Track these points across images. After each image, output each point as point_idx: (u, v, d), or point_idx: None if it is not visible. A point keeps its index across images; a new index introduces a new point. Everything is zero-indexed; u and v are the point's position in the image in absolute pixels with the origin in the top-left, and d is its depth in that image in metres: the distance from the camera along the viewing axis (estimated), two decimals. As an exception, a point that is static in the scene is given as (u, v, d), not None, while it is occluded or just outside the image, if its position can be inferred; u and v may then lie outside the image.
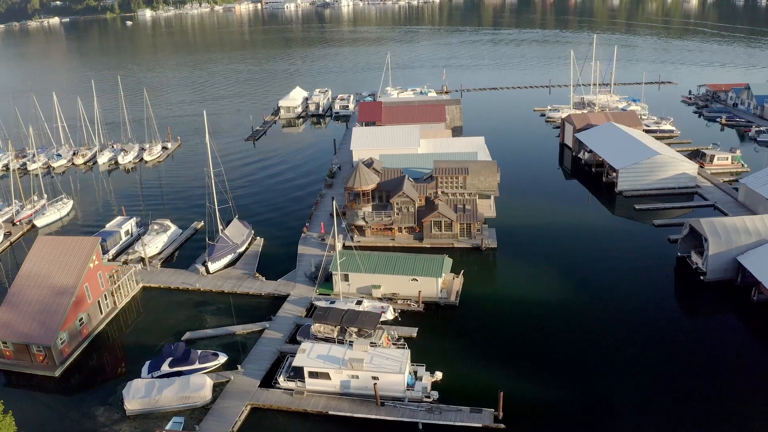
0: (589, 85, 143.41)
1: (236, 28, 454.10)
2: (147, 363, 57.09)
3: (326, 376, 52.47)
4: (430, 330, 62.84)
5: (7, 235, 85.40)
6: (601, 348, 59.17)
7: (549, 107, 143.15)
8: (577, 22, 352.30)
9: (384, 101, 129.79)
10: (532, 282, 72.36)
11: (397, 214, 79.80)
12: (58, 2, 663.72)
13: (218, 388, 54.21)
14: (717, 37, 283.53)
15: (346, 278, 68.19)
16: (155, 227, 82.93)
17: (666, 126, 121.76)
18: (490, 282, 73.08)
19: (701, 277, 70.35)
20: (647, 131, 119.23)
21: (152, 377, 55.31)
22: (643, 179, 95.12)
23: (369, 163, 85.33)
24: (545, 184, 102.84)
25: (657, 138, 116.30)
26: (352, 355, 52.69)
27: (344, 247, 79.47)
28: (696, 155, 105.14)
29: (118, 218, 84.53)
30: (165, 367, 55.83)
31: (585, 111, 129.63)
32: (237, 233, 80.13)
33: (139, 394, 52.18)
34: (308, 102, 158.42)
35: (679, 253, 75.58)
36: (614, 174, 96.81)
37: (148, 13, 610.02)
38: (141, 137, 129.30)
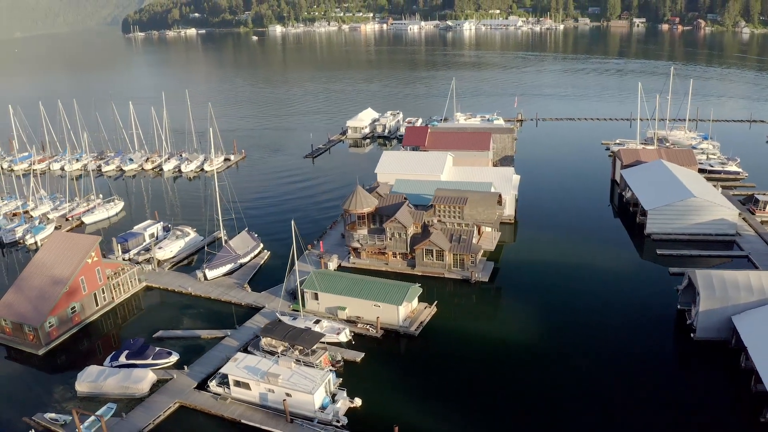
0: (665, 119, 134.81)
1: (356, 48, 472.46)
2: (111, 353, 63.34)
3: (247, 386, 55.34)
4: (377, 357, 63.54)
5: (57, 228, 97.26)
6: (546, 398, 56.66)
7: (616, 141, 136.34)
8: (705, 55, 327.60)
9: (431, 127, 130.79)
10: (510, 321, 70.66)
11: (390, 239, 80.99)
12: (196, 14, 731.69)
13: (161, 384, 59.00)
14: None
15: (316, 297, 70.71)
16: (177, 233, 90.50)
17: (731, 167, 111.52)
18: (465, 317, 72.07)
19: (691, 335, 64.74)
20: (710, 171, 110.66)
21: (111, 366, 61.38)
22: (675, 222, 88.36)
23: (373, 187, 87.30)
24: (580, 221, 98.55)
25: (718, 179, 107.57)
26: (271, 370, 55.09)
27: (338, 267, 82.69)
28: (749, 200, 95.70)
29: (148, 221, 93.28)
30: (122, 359, 61.65)
31: (645, 147, 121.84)
32: (241, 244, 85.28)
33: (89, 379, 58.34)
34: (376, 123, 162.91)
35: (679, 306, 69.93)
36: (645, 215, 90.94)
37: (278, 29, 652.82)
38: (213, 147, 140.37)
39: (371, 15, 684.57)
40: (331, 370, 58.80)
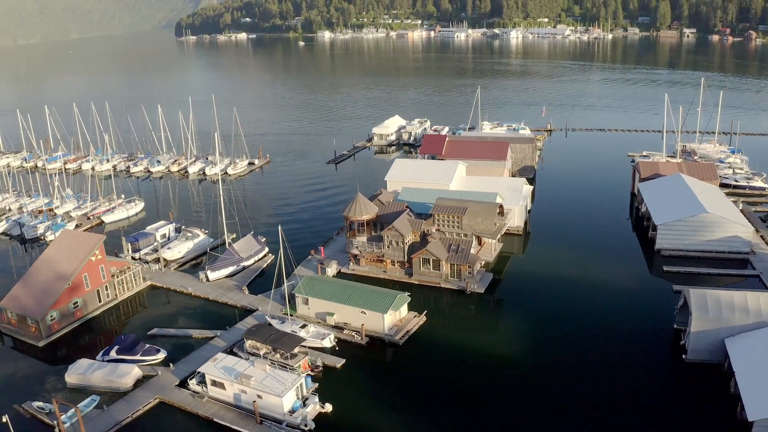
0: (695, 132, 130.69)
1: (401, 55, 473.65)
2: (104, 348, 65.95)
3: (222, 386, 56.76)
4: (358, 364, 64.01)
5: (77, 226, 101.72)
6: (523, 415, 55.73)
7: (642, 153, 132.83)
8: (756, 67, 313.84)
9: (451, 135, 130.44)
10: (499, 334, 70.06)
11: (388, 247, 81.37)
12: (247, 19, 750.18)
13: (146, 379, 61.15)
14: None
15: (306, 302, 71.72)
16: (187, 234, 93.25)
17: (757, 182, 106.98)
18: (454, 327, 71.79)
19: (683, 356, 62.59)
20: (734, 186, 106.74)
21: (102, 360, 63.95)
22: (686, 239, 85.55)
23: (375, 195, 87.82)
24: (594, 235, 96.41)
25: (742, 195, 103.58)
26: (245, 371, 56.33)
27: (338, 273, 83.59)
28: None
29: (161, 222, 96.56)
30: (113, 354, 64.23)
31: (669, 160, 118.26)
32: (246, 248, 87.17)
33: (78, 371, 61.11)
34: (402, 131, 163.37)
35: (675, 326, 67.77)
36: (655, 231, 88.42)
37: (326, 35, 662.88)
38: (237, 151, 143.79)
39: (419, 22, 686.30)
40: (309, 375, 59.85)
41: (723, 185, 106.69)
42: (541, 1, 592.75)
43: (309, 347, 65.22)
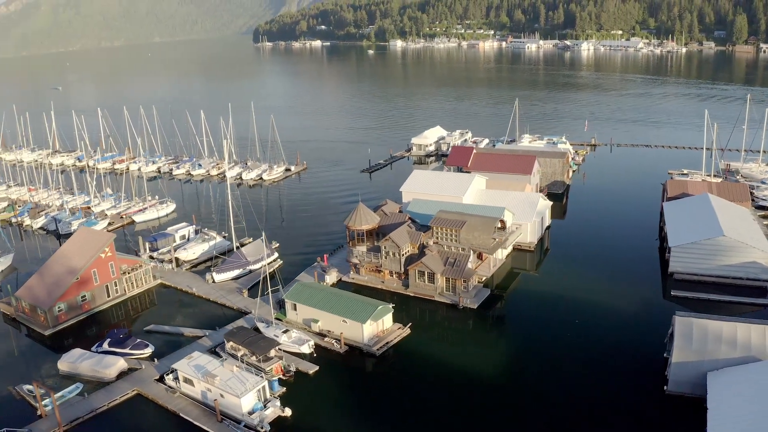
0: (740, 150, 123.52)
1: (470, 65, 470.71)
2: (99, 341, 70.21)
3: (191, 383, 59.28)
4: (331, 371, 65.03)
5: (110, 224, 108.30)
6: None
7: (683, 171, 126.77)
8: None
9: (477, 148, 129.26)
10: (482, 352, 68.89)
11: (385, 257, 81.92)
12: (322, 27, 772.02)
13: (130, 372, 64.72)
14: None
15: (295, 308, 73.45)
16: (204, 236, 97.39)
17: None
18: (437, 341, 71.52)
19: (664, 387, 59.66)
20: (766, 209, 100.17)
21: (95, 351, 68.14)
22: (702, 263, 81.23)
23: (379, 205, 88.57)
24: (616, 254, 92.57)
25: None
26: (213, 370, 58.55)
27: (338, 281, 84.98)
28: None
29: (183, 223, 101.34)
30: (105, 346, 68.37)
31: (706, 179, 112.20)
32: (254, 252, 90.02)
33: (70, 359, 65.57)
34: (441, 142, 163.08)
35: (665, 354, 64.58)
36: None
37: (398, 44, 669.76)
38: (275, 157, 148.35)
39: (492, 32, 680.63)
40: (280, 378, 61.60)
41: (760, 207, 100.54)
42: (615, 13, 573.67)
43: (287, 352, 66.97)
